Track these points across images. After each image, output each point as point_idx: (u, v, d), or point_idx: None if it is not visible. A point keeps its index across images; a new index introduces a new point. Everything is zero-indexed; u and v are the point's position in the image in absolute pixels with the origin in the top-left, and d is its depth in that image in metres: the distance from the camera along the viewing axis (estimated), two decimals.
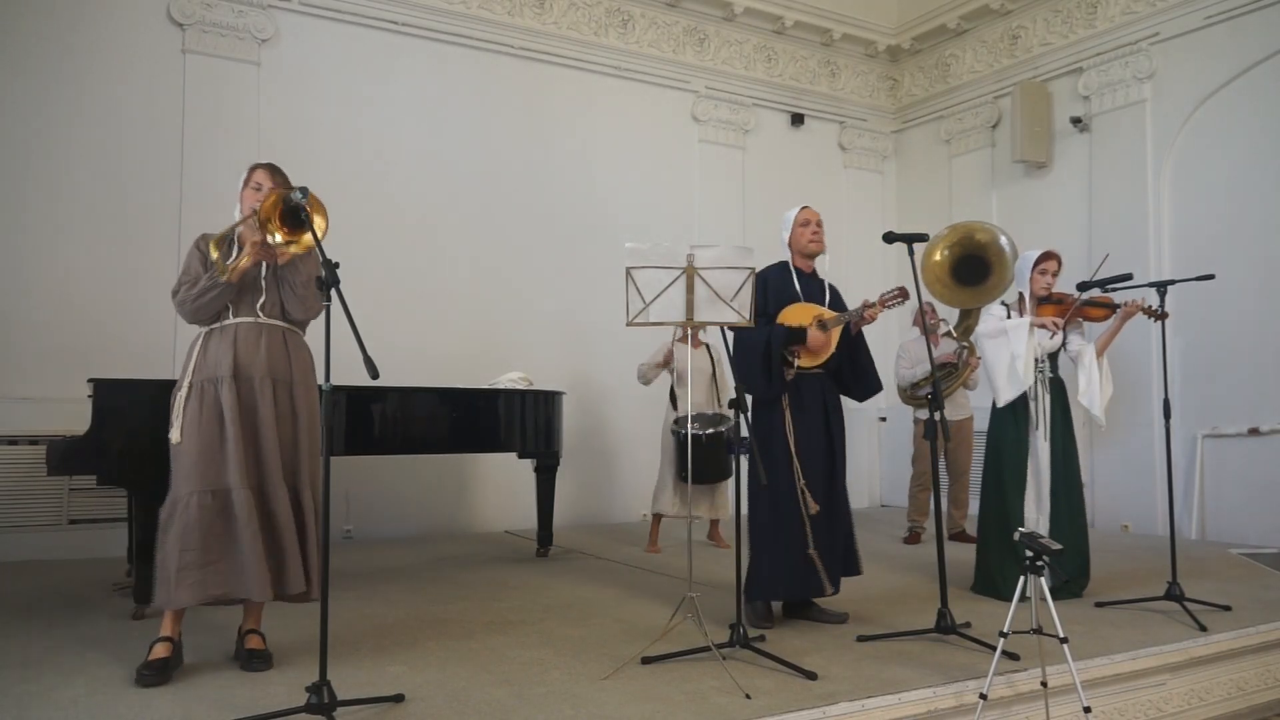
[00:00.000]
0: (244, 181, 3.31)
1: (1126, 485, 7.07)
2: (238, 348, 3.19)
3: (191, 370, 3.19)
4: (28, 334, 5.75)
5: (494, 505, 7.13)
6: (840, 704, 2.87)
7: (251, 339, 3.21)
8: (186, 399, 3.15)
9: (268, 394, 3.20)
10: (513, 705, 2.83)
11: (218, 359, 3.17)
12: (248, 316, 3.24)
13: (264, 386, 3.19)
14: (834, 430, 4.00)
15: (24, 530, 5.54)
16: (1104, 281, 4.61)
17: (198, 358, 3.20)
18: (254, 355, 3.20)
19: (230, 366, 3.16)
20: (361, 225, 6.57)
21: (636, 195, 7.91)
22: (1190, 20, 6.86)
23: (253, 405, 3.18)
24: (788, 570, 3.80)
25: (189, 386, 3.16)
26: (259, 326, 3.24)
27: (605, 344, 7.37)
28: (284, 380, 3.26)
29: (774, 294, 3.98)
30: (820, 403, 3.97)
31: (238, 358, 3.18)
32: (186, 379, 3.18)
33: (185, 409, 3.14)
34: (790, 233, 4.11)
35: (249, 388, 3.18)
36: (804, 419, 3.89)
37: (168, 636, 3.13)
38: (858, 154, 9.26)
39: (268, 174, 3.31)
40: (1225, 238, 6.62)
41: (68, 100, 5.96)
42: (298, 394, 3.28)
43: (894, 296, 3.89)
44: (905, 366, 6.44)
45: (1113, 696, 3.48)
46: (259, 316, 3.25)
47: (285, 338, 3.31)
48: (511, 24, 7.42)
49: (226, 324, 3.22)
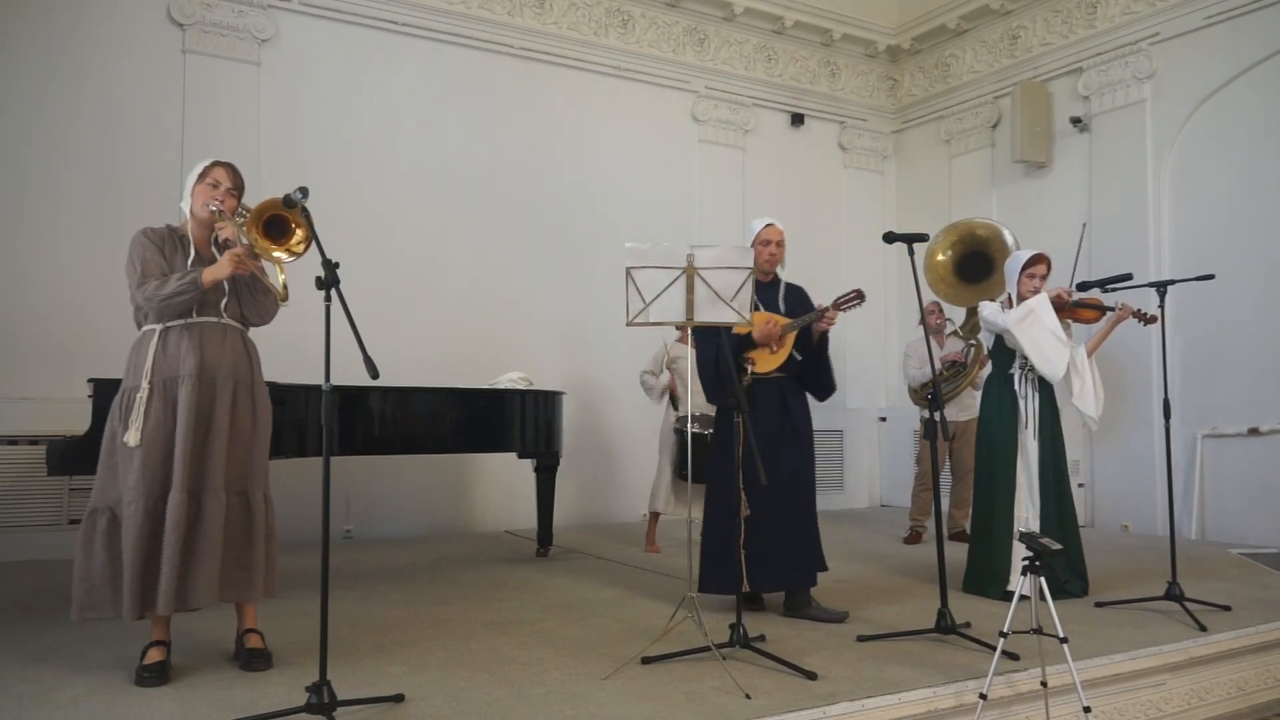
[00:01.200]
0: (199, 175, 3.19)
1: (1126, 485, 7.07)
2: (204, 348, 3.11)
3: (149, 369, 3.06)
4: (28, 334, 5.75)
5: (494, 505, 7.13)
6: (840, 704, 2.87)
7: (217, 339, 3.15)
8: (148, 399, 3.04)
9: (227, 395, 3.13)
10: (513, 705, 2.83)
11: (180, 357, 3.08)
12: (212, 316, 3.17)
13: (225, 387, 3.13)
14: (801, 430, 4.10)
15: (24, 530, 5.54)
16: (1104, 281, 4.61)
17: (155, 355, 3.07)
18: (220, 356, 3.14)
19: (195, 365, 3.08)
20: (361, 225, 6.57)
21: (636, 195, 7.91)
22: (1190, 20, 6.86)
23: (209, 406, 3.10)
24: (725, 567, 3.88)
25: (149, 386, 3.05)
26: (222, 327, 3.19)
27: (605, 344, 7.37)
28: (245, 382, 3.22)
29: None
30: (778, 403, 4.06)
31: (204, 357, 3.10)
32: (145, 379, 3.05)
33: (147, 410, 3.03)
34: (752, 244, 4.14)
35: (210, 388, 3.11)
36: (760, 422, 3.93)
37: (160, 640, 3.12)
38: (858, 154, 9.26)
39: (227, 172, 3.21)
40: (1225, 238, 6.62)
41: (68, 100, 5.96)
42: (257, 396, 3.25)
43: (849, 300, 3.98)
44: (914, 367, 6.43)
45: (1113, 696, 3.48)
46: (222, 317, 3.20)
47: (243, 339, 3.28)
48: (511, 24, 7.42)
49: (191, 323, 3.12)
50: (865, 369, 8.99)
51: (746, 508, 3.84)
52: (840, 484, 8.82)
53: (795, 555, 4.01)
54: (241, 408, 3.19)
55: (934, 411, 3.60)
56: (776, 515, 3.94)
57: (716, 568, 3.96)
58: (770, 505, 3.91)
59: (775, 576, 3.97)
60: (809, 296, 4.26)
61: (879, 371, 9.08)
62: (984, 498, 4.59)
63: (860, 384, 8.93)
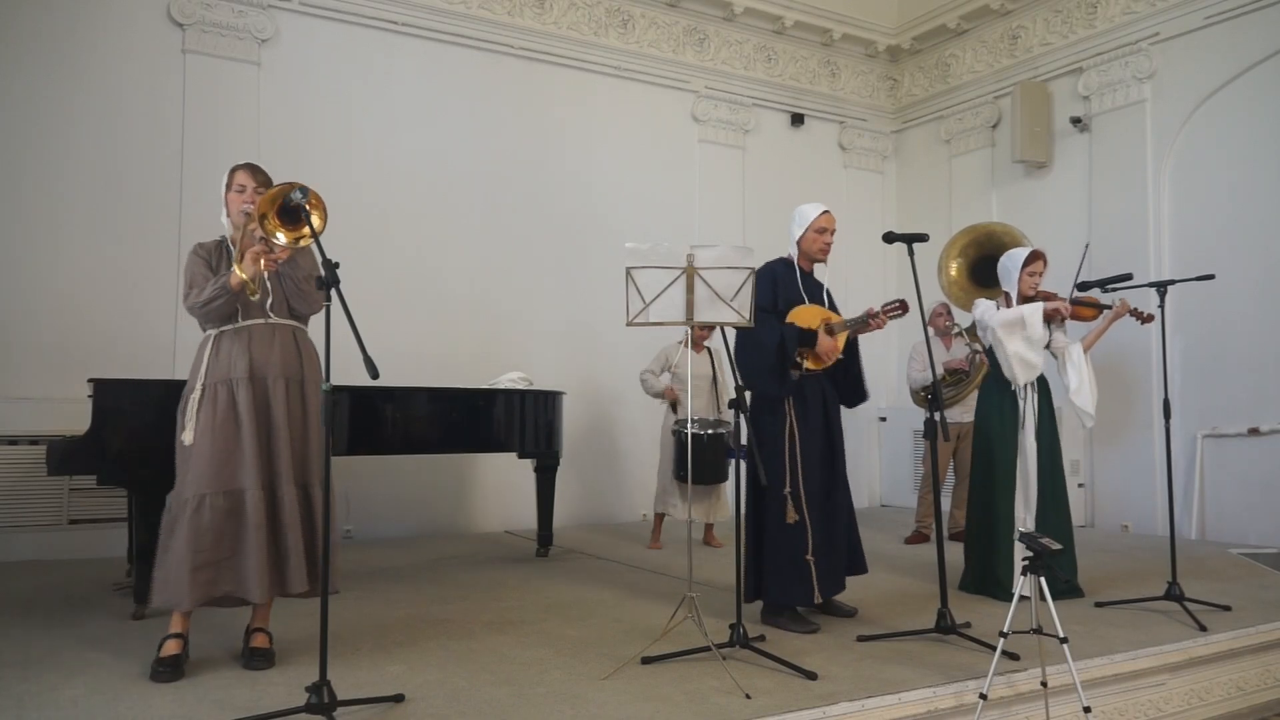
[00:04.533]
0: (226, 185, 3.33)
1: (1126, 485, 7.07)
2: (253, 350, 3.22)
3: (204, 372, 3.20)
4: (28, 334, 5.75)
5: (494, 505, 7.13)
6: (840, 704, 2.87)
7: (265, 340, 3.25)
8: (200, 401, 3.17)
9: (280, 393, 3.23)
10: (513, 705, 2.83)
11: (232, 360, 3.20)
12: (259, 318, 3.27)
13: (277, 386, 3.23)
14: (834, 429, 4.00)
15: (24, 530, 5.54)
16: (1104, 281, 4.61)
17: (209, 359, 3.22)
18: (268, 356, 3.24)
19: (246, 368, 3.19)
20: (361, 225, 6.57)
21: (636, 195, 7.90)
22: (1190, 20, 6.86)
23: (266, 405, 3.21)
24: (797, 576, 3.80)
25: (202, 389, 3.18)
26: (271, 327, 3.28)
27: (605, 344, 7.37)
28: (295, 379, 3.30)
29: (781, 292, 3.95)
30: (821, 402, 3.97)
31: (253, 359, 3.21)
32: (199, 381, 3.20)
33: (199, 411, 3.16)
34: (804, 233, 4.03)
35: (263, 388, 3.22)
36: (807, 422, 3.86)
37: (178, 633, 3.14)
38: (858, 154, 9.26)
39: (249, 174, 3.31)
40: (1225, 238, 6.62)
41: (67, 100, 5.96)
42: (308, 391, 3.32)
43: (894, 308, 3.93)
44: (918, 369, 6.41)
45: (1113, 696, 3.48)
46: (270, 317, 3.28)
47: (295, 336, 3.35)
48: (511, 24, 7.42)
49: (240, 326, 3.25)
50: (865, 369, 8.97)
51: (794, 513, 3.74)
52: None
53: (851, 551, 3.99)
54: (294, 404, 3.27)
55: (934, 412, 3.60)
56: (839, 512, 3.91)
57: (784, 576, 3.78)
58: (834, 501, 3.87)
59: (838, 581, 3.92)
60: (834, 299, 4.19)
61: (879, 372, 9.06)
62: (983, 499, 4.56)
63: None
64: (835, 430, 4.00)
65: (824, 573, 3.82)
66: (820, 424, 3.94)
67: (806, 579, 3.78)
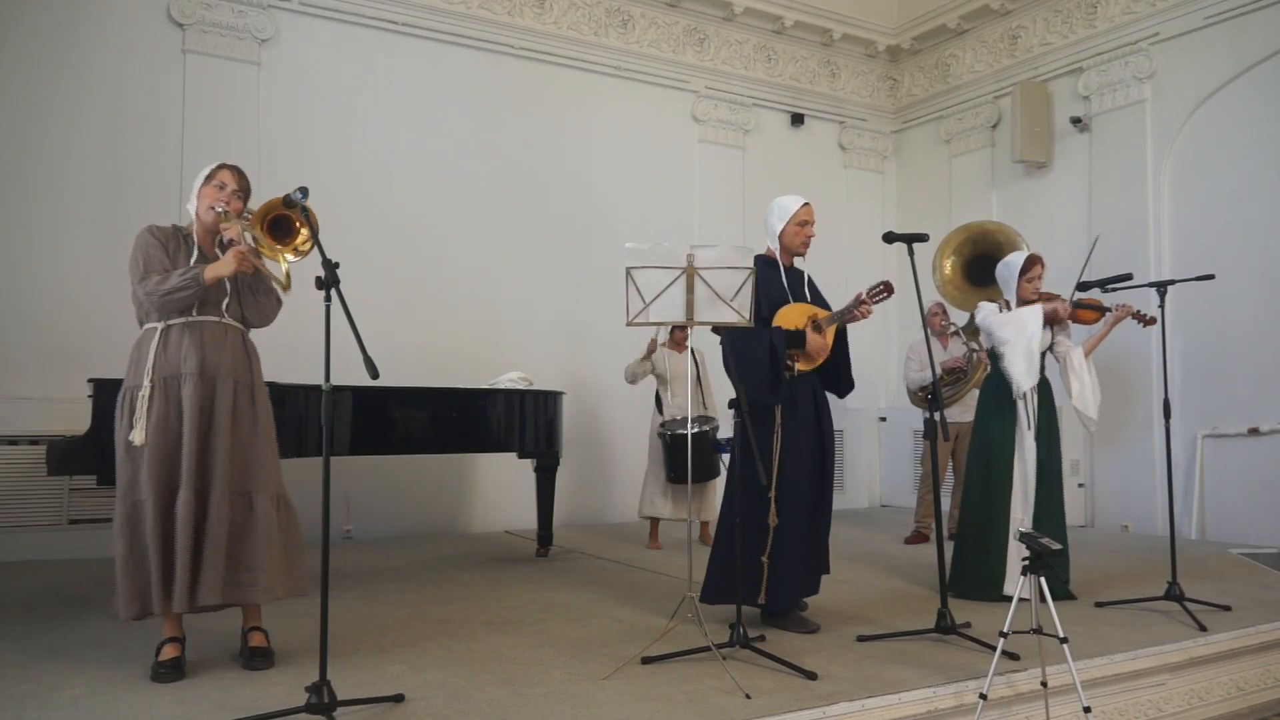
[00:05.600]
0: (206, 178, 3.21)
1: (1126, 485, 7.07)
2: (205, 346, 3.12)
3: (151, 367, 3.06)
4: (28, 334, 5.75)
5: (494, 505, 7.13)
6: (840, 704, 2.87)
7: (217, 338, 3.16)
8: (150, 397, 3.05)
9: (227, 394, 3.13)
10: (513, 705, 2.83)
11: (182, 355, 3.09)
12: (213, 315, 3.17)
13: (225, 386, 3.14)
14: (824, 428, 3.94)
15: (24, 530, 5.54)
16: (1104, 281, 4.60)
17: (156, 353, 3.08)
18: (220, 355, 3.15)
19: (197, 364, 3.09)
20: (361, 225, 6.57)
21: (636, 195, 7.90)
22: (1190, 20, 6.86)
23: (210, 405, 3.11)
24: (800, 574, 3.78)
25: (151, 384, 3.05)
26: (223, 326, 3.20)
27: (605, 344, 7.35)
28: (245, 382, 3.21)
29: (764, 294, 3.84)
30: (811, 401, 3.92)
31: (205, 356, 3.11)
32: (147, 376, 3.05)
33: (150, 408, 3.04)
34: (785, 226, 3.97)
35: (211, 387, 3.11)
36: (796, 423, 3.82)
37: (174, 637, 3.13)
38: (858, 154, 9.26)
39: (233, 175, 3.22)
40: (1225, 238, 6.62)
41: (67, 100, 5.96)
42: (258, 396, 3.25)
43: (879, 291, 3.84)
44: (915, 369, 6.40)
45: (1113, 696, 3.48)
46: (223, 317, 3.20)
47: (243, 339, 3.28)
48: (511, 24, 7.42)
49: (192, 321, 3.13)
50: (865, 369, 8.94)
51: (775, 517, 3.70)
52: (840, 484, 8.80)
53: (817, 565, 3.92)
54: (241, 407, 3.18)
55: (934, 412, 3.59)
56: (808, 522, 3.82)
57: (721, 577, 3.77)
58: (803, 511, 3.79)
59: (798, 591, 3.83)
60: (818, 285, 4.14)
61: (879, 372, 9.08)
62: (979, 499, 4.52)
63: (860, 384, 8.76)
64: (827, 428, 3.94)
65: (795, 577, 3.76)
66: (811, 422, 3.88)
67: (756, 580, 3.71)
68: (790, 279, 3.99)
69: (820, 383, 4.00)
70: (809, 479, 3.83)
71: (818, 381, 3.98)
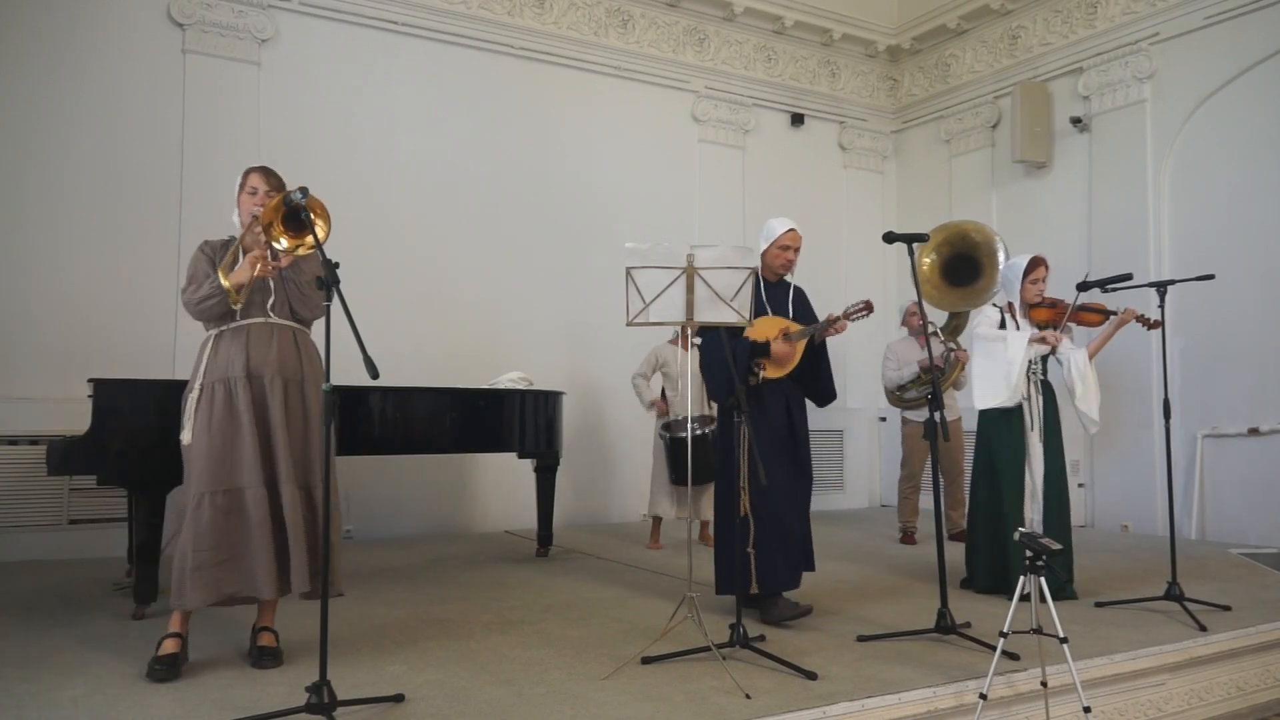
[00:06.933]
0: (239, 186, 3.34)
1: (1126, 485, 7.07)
2: (250, 348, 3.22)
3: (203, 371, 3.21)
4: (28, 334, 5.75)
5: (494, 505, 7.13)
6: (840, 704, 2.87)
7: (263, 339, 3.25)
8: (198, 400, 3.17)
9: (278, 392, 3.22)
10: (513, 705, 2.83)
11: (230, 359, 3.20)
12: (259, 317, 3.27)
13: (274, 385, 3.22)
14: (797, 429, 4.09)
15: (24, 530, 5.54)
16: (1104, 282, 4.60)
17: (209, 359, 3.23)
18: (266, 355, 3.23)
19: (243, 366, 3.19)
20: (361, 225, 6.56)
21: (636, 195, 7.90)
22: (1190, 20, 6.86)
23: (264, 404, 3.21)
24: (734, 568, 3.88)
25: (200, 388, 3.19)
26: (270, 327, 3.28)
27: (605, 344, 7.37)
28: (295, 379, 3.29)
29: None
30: (782, 405, 4.06)
31: (250, 358, 3.21)
32: (198, 380, 3.20)
33: (197, 410, 3.16)
34: (768, 247, 4.13)
35: (260, 387, 3.21)
36: (766, 423, 3.95)
37: (177, 633, 3.14)
38: (858, 154, 9.26)
39: (262, 177, 3.32)
40: (1225, 238, 6.62)
41: (67, 100, 5.96)
42: (308, 392, 3.31)
43: (859, 310, 3.97)
44: (892, 369, 6.45)
45: (1113, 696, 3.48)
46: (270, 316, 3.28)
47: (295, 337, 3.35)
48: (511, 24, 7.42)
49: (238, 325, 3.25)
50: (865, 369, 8.98)
51: (744, 509, 3.83)
52: (840, 484, 8.82)
53: (796, 556, 4.02)
54: (293, 404, 3.27)
55: (933, 412, 3.60)
56: (783, 515, 3.94)
57: (725, 569, 3.95)
58: (777, 505, 3.91)
59: (784, 577, 3.96)
60: (809, 300, 4.26)
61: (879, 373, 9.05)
62: (990, 500, 4.55)
63: (860, 384, 8.92)
64: (799, 430, 4.09)
65: (770, 566, 3.87)
66: (782, 423, 4.04)
67: (745, 570, 3.83)
68: (773, 293, 4.15)
69: (802, 391, 4.17)
70: (780, 476, 3.91)
71: (794, 388, 4.12)
